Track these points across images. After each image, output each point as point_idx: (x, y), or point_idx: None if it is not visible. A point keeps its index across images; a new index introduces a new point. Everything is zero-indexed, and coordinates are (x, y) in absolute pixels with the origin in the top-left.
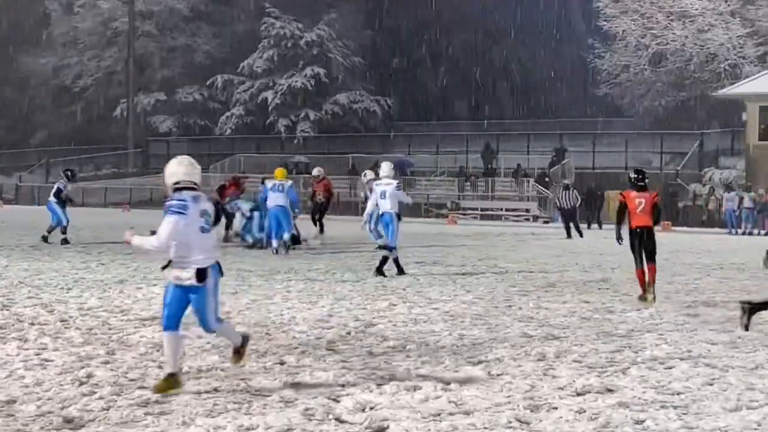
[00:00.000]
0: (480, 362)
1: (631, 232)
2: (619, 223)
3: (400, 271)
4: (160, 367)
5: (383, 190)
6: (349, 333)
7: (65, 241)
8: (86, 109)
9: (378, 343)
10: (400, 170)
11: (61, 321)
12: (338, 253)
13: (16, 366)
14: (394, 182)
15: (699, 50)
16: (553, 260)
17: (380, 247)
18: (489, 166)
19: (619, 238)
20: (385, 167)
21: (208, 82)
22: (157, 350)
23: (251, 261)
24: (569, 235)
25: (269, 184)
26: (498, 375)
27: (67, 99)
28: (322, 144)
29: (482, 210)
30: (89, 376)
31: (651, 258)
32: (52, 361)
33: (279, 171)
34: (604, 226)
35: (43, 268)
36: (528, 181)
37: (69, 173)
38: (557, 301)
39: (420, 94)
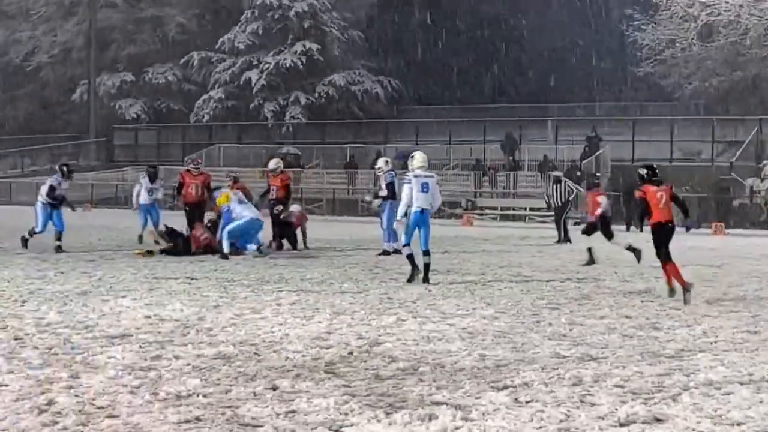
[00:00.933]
0: (505, 387)
1: (655, 227)
2: (643, 219)
3: (412, 278)
4: (132, 392)
5: (425, 182)
6: (351, 353)
7: (24, 242)
8: (40, 91)
9: (385, 364)
10: (407, 162)
11: (16, 339)
12: (336, 259)
13: None
14: (434, 174)
15: (756, 22)
16: (587, 268)
17: (388, 252)
18: (510, 158)
19: (639, 229)
20: (420, 156)
21: (182, 61)
22: (129, 373)
23: (234, 269)
24: (560, 239)
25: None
26: (527, 402)
27: (17, 80)
28: (315, 132)
29: (502, 209)
30: (50, 402)
31: (669, 256)
32: (6, 386)
33: (223, 197)
34: (645, 228)
35: None
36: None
37: (65, 168)
38: (593, 316)
39: (430, 75)
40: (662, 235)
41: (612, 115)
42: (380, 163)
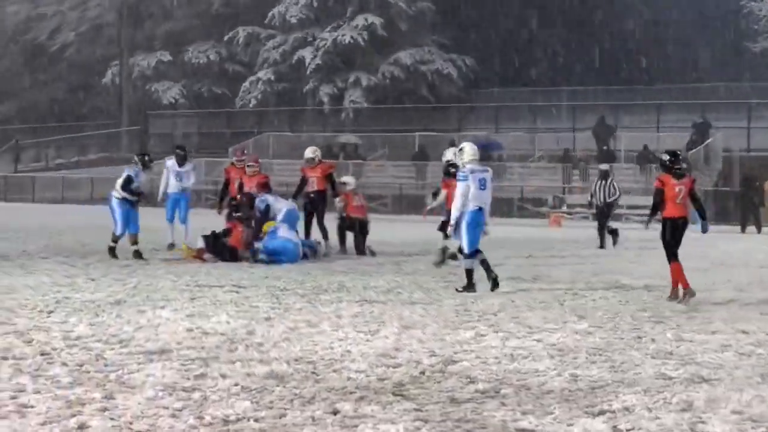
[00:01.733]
0: (601, 413)
1: (666, 221)
2: (656, 212)
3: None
4: (173, 415)
5: (482, 177)
6: (422, 373)
7: (112, 252)
8: (66, 74)
9: (462, 386)
10: (485, 153)
11: (43, 354)
12: (404, 265)
13: None
14: (489, 168)
15: None
16: (696, 275)
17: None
18: (604, 147)
19: (649, 222)
20: (470, 148)
21: (226, 38)
22: (170, 394)
23: (287, 276)
24: (603, 244)
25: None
26: (627, 430)
27: (40, 61)
28: (379, 119)
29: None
30: (81, 426)
31: (676, 256)
32: (32, 407)
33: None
34: (764, 228)
35: (16, 285)
36: (658, 169)
37: (145, 158)
38: (704, 331)
39: (511, 52)
40: (672, 232)
41: (723, 97)
42: (449, 154)
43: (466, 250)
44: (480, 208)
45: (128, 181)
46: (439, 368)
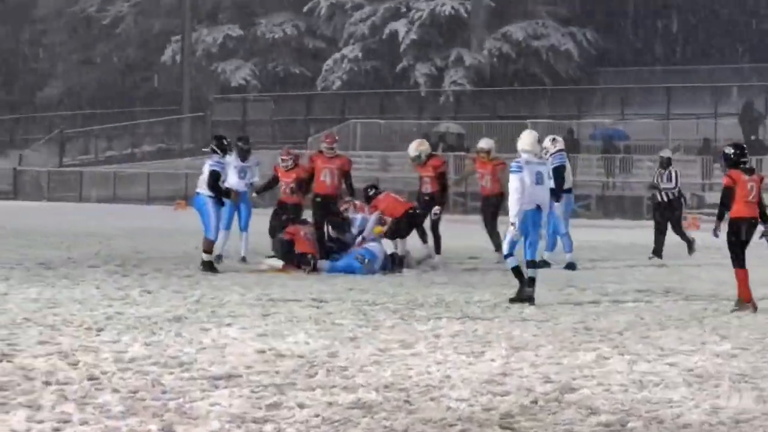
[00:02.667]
0: None
1: (735, 222)
2: (724, 212)
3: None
4: None
5: (538, 170)
6: (535, 402)
7: (209, 267)
8: (119, 52)
9: (582, 418)
10: (608, 143)
11: (91, 379)
12: (513, 276)
13: None
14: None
15: None
16: None
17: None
18: (752, 137)
19: (718, 229)
20: (528, 136)
21: (305, 9)
22: (238, 426)
23: (375, 288)
24: (658, 253)
25: None
26: None
27: (89, 37)
28: (484, 103)
29: None
30: None
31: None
32: None
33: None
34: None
35: (61, 298)
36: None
37: (223, 142)
38: None
39: (640, 25)
40: (743, 233)
41: None
42: (546, 142)
43: (505, 251)
44: (538, 208)
45: (215, 177)
46: (554, 397)
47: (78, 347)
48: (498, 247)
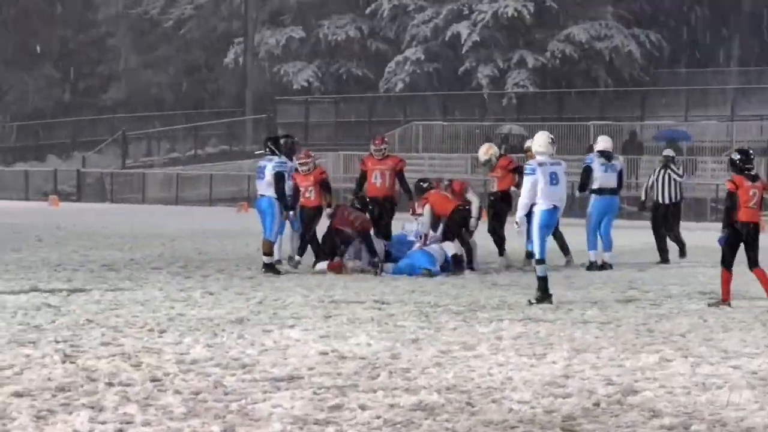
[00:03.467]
0: None
1: (736, 225)
2: (730, 217)
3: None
4: None
5: (553, 171)
6: (597, 404)
7: (270, 268)
8: (182, 54)
9: (644, 420)
10: (672, 145)
11: (153, 381)
12: (575, 278)
13: None
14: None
15: None
16: None
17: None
18: None
19: (727, 236)
20: (542, 138)
21: (368, 11)
22: (300, 427)
23: (437, 290)
24: (664, 257)
25: None
26: None
27: (152, 39)
28: (547, 105)
29: None
30: None
31: (757, 262)
32: None
33: None
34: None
35: (123, 300)
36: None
37: (290, 141)
38: None
39: (705, 25)
40: (741, 237)
41: None
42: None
43: (537, 255)
44: (555, 207)
45: (281, 178)
46: (616, 399)
47: (141, 349)
48: (565, 250)
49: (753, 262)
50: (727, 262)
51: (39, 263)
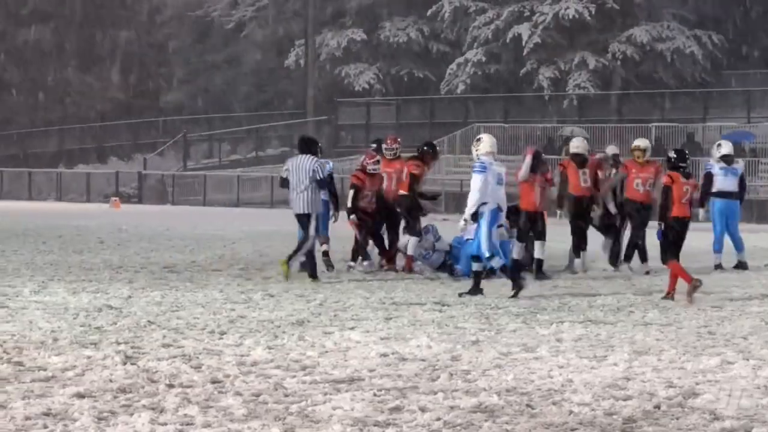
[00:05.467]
0: None
1: (674, 221)
2: (667, 210)
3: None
4: None
5: (499, 172)
6: (658, 407)
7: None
8: (242, 56)
9: (705, 423)
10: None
11: (213, 382)
12: (638, 279)
13: None
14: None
15: None
16: None
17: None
18: None
19: (668, 227)
20: (488, 140)
21: (429, 13)
22: (360, 429)
23: (498, 292)
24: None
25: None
26: None
27: (212, 42)
28: (608, 106)
29: None
30: None
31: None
32: None
33: None
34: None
35: (184, 302)
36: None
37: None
38: None
39: (765, 28)
40: (677, 233)
41: None
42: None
43: (485, 252)
44: (499, 208)
45: (332, 178)
46: (677, 402)
47: (201, 350)
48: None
49: (675, 255)
50: (671, 254)
51: (101, 265)
